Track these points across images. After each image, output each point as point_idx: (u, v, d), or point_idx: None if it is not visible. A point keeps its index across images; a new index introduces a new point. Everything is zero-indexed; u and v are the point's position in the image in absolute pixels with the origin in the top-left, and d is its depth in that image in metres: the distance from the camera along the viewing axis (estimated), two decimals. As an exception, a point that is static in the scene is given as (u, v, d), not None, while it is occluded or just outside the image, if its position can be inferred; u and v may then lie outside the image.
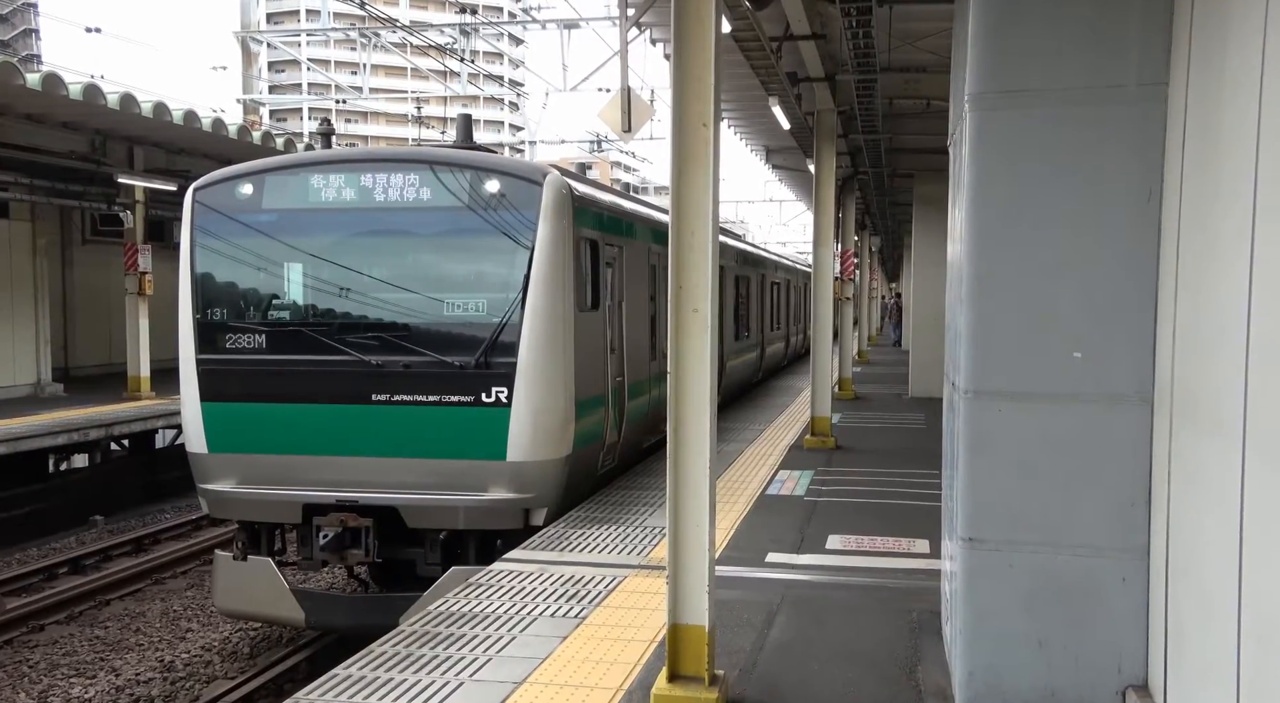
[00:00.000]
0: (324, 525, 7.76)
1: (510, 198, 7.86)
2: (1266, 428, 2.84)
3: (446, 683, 4.79)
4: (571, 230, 8.05)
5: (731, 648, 5.19)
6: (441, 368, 7.76)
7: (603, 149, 36.38)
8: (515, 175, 8.01)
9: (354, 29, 23.72)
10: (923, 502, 8.60)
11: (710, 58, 4.30)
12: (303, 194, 8.16)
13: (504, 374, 7.67)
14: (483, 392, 7.70)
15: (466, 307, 7.87)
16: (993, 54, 4.26)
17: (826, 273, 12.64)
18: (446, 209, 7.97)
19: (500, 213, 7.87)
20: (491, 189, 7.88)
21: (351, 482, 7.82)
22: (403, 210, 8.03)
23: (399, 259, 8.11)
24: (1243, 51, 3.12)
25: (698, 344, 4.39)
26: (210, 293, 8.27)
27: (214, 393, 8.16)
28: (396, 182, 8.02)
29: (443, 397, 7.76)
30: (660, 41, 11.40)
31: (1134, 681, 4.14)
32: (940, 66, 10.43)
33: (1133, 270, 4.09)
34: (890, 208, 25.29)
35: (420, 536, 7.86)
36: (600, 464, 9.15)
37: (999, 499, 4.30)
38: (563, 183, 8.07)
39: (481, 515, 7.71)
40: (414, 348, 7.84)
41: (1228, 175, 3.25)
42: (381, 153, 8.99)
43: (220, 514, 8.55)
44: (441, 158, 8.30)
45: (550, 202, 7.83)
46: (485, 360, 7.69)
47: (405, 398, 7.81)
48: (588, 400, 8.46)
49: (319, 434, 7.95)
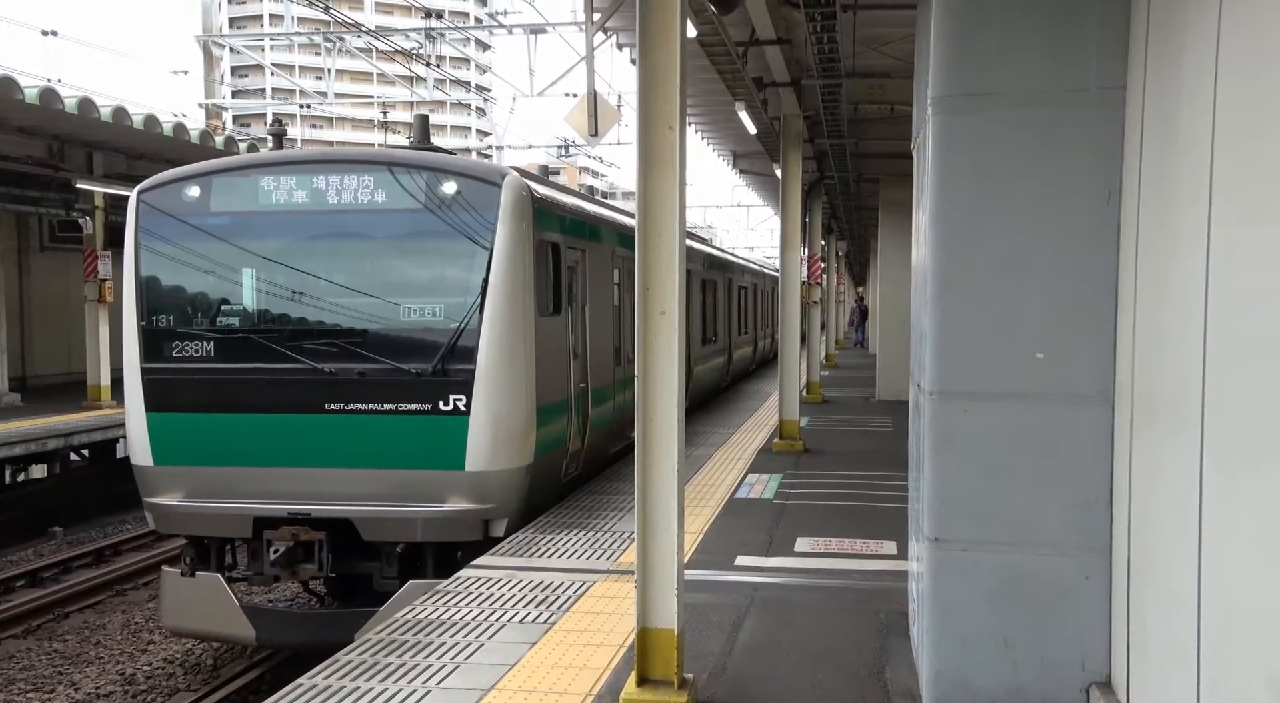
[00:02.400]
0: (275, 540, 7.52)
1: (468, 199, 7.67)
2: (1224, 427, 2.88)
3: (414, 691, 4.74)
4: (532, 233, 7.89)
5: (701, 651, 5.18)
6: (397, 375, 7.55)
7: (570, 154, 36.37)
8: (473, 176, 7.82)
9: (318, 34, 23.53)
10: (890, 503, 8.65)
11: (676, 61, 4.30)
12: (252, 196, 7.93)
13: (462, 381, 7.47)
14: (440, 399, 7.50)
15: (423, 312, 7.67)
16: (955, 58, 4.30)
17: (794, 277, 12.70)
18: (402, 211, 7.76)
19: (458, 215, 7.68)
20: (449, 191, 7.70)
21: (304, 494, 7.60)
22: (357, 213, 7.80)
23: (353, 263, 7.87)
24: (1198, 56, 3.18)
25: (665, 347, 4.39)
26: (156, 299, 8.01)
27: (160, 403, 7.89)
28: (350, 183, 7.80)
29: (399, 405, 7.54)
30: (626, 46, 11.40)
31: (1098, 677, 4.18)
32: (904, 72, 10.52)
33: (1093, 271, 4.15)
34: (856, 212, 25.47)
35: (376, 548, 7.64)
36: (564, 472, 8.98)
37: (964, 499, 4.33)
38: (522, 184, 7.90)
39: (439, 527, 7.51)
40: (369, 355, 7.62)
41: (1185, 177, 3.30)
42: (334, 154, 8.72)
43: (167, 529, 8.31)
44: (397, 159, 8.08)
45: (509, 203, 7.66)
46: (443, 367, 7.50)
47: (360, 406, 7.60)
48: (550, 407, 8.29)
49: (270, 445, 7.70)
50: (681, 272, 4.37)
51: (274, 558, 7.45)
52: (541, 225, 8.17)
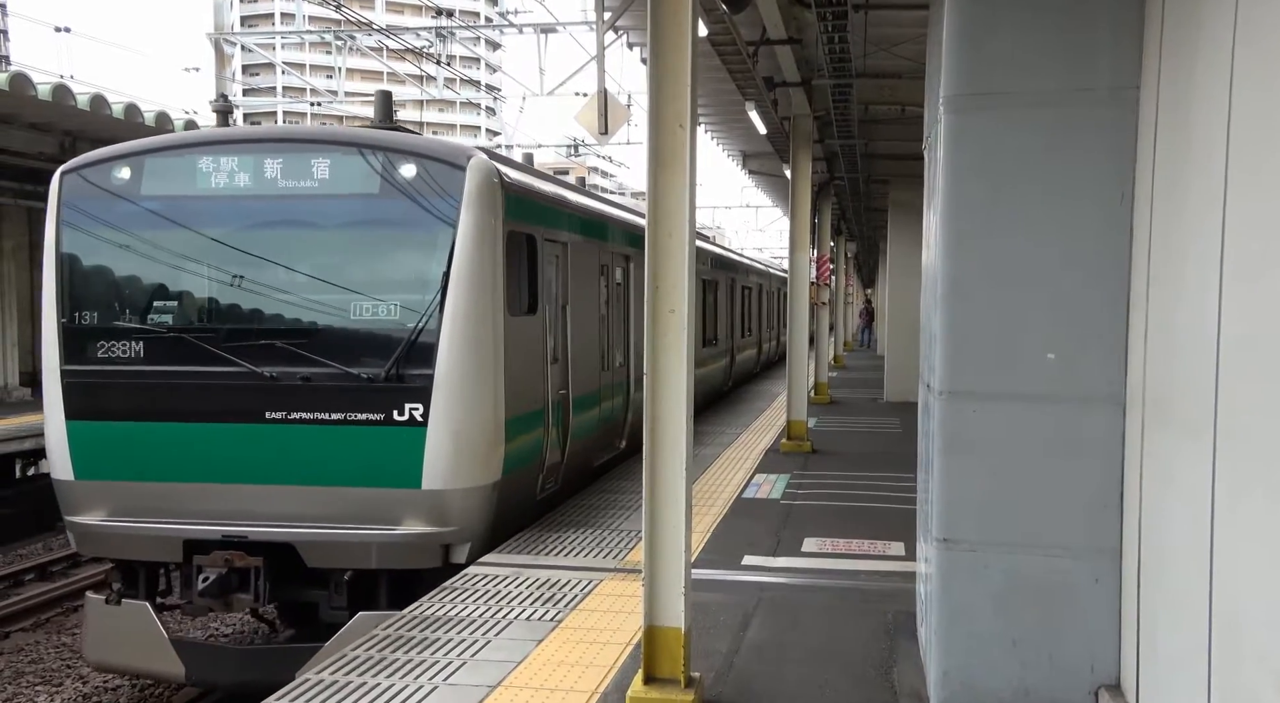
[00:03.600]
0: (205, 566, 6.71)
1: (428, 184, 6.87)
2: (1236, 429, 2.87)
3: (420, 687, 4.75)
4: (501, 222, 7.07)
5: (708, 650, 5.18)
6: (347, 381, 6.75)
7: (580, 153, 36.40)
8: (434, 158, 6.97)
9: (329, 32, 23.59)
10: (898, 505, 8.63)
11: (687, 58, 4.30)
12: (188, 179, 7.08)
13: (419, 388, 6.68)
14: (394, 409, 6.70)
15: (376, 310, 6.85)
16: (966, 57, 4.29)
17: (802, 278, 12.68)
18: (354, 197, 6.96)
19: (417, 201, 6.88)
20: (406, 174, 6.89)
21: (241, 514, 6.80)
22: (303, 198, 6.98)
23: (298, 254, 7.05)
24: (1212, 56, 3.16)
25: (674, 345, 4.38)
26: (79, 293, 7.20)
27: (81, 410, 7.07)
28: (296, 165, 6.97)
29: (348, 414, 6.75)
30: (637, 45, 11.40)
31: (1107, 680, 4.17)
32: (915, 72, 10.51)
33: (1105, 272, 4.13)
34: (866, 213, 25.43)
35: (323, 575, 6.85)
36: (539, 489, 8.14)
37: (973, 500, 4.32)
38: (490, 167, 7.08)
39: (392, 553, 6.72)
40: (315, 358, 6.80)
41: (1198, 178, 3.29)
42: (279, 132, 7.84)
43: (90, 551, 7.54)
44: (348, 138, 7.26)
45: (475, 188, 6.85)
46: (397, 372, 6.70)
47: (304, 416, 6.80)
48: (522, 417, 7.50)
49: (203, 458, 6.90)
50: (691, 270, 4.37)
51: (203, 587, 6.67)
52: (514, 214, 7.35)
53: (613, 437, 10.51)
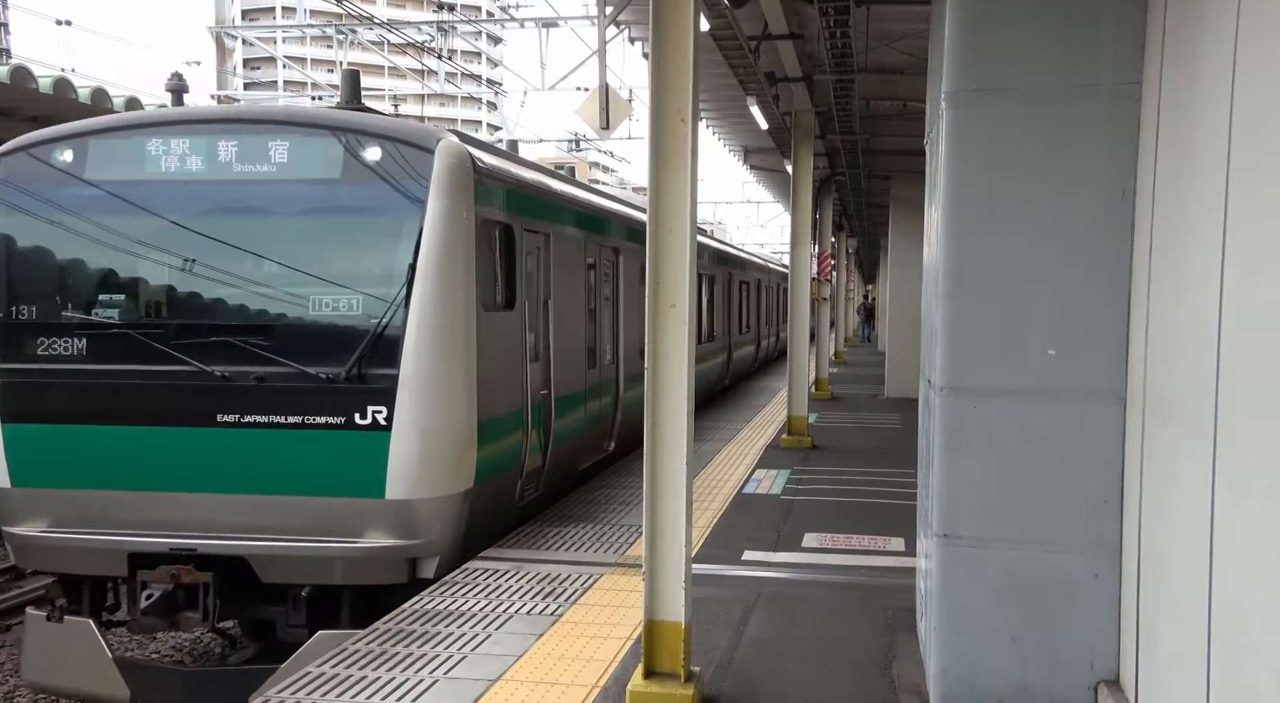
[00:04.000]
0: (150, 581, 6.23)
1: (394, 168, 6.43)
2: (1237, 426, 2.87)
3: (420, 681, 4.76)
4: (473, 210, 6.62)
5: (708, 645, 5.19)
6: (305, 381, 6.30)
7: (581, 148, 36.36)
8: (400, 140, 6.51)
9: (330, 26, 23.56)
10: (898, 500, 8.64)
11: (689, 52, 4.30)
12: (136, 163, 6.61)
13: (382, 389, 6.23)
14: (356, 412, 6.25)
15: (337, 304, 6.40)
16: (969, 52, 4.29)
17: (803, 273, 12.68)
18: (314, 182, 6.50)
19: (381, 186, 6.43)
20: (371, 157, 6.44)
21: (190, 525, 6.35)
22: (259, 184, 6.51)
23: (253, 244, 6.56)
24: (1215, 52, 3.16)
25: (676, 340, 4.39)
26: (17, 286, 6.69)
27: (18, 412, 6.57)
28: (253, 148, 6.52)
29: (305, 417, 6.30)
30: (639, 40, 11.39)
31: (1106, 676, 4.17)
32: (916, 68, 10.49)
33: (1106, 268, 4.13)
34: (867, 209, 25.40)
35: (280, 591, 6.40)
36: (519, 496, 7.69)
37: (974, 496, 4.32)
38: (461, 151, 6.64)
39: (354, 568, 6.29)
40: (270, 356, 6.36)
41: (1200, 175, 3.28)
42: (234, 112, 7.31)
43: (29, 564, 7.04)
44: (308, 118, 6.82)
45: (444, 173, 6.41)
46: (359, 372, 6.25)
47: (259, 419, 6.35)
48: (499, 420, 7.06)
49: (150, 465, 6.43)
50: (692, 265, 4.37)
51: (146, 605, 6.18)
52: (487, 202, 6.90)
53: (601, 438, 10.12)
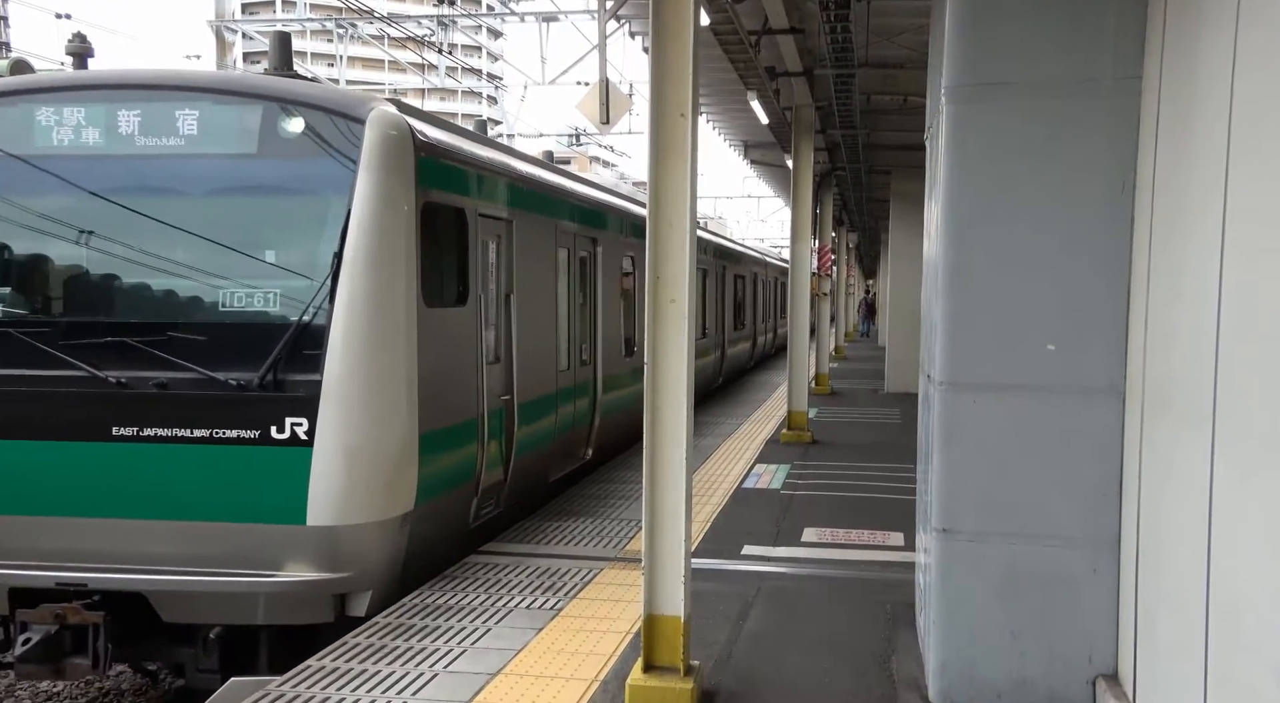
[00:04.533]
0: (30, 622, 5.36)
1: (318, 141, 5.67)
2: (1236, 420, 2.87)
3: (421, 674, 4.77)
4: (415, 190, 5.87)
5: (707, 639, 5.20)
6: (213, 388, 5.48)
7: (582, 143, 36.34)
8: (324, 108, 5.74)
9: (330, 20, 23.53)
10: (898, 495, 8.65)
11: (689, 47, 4.29)
12: (22, 134, 5.82)
13: (303, 398, 5.43)
14: (272, 424, 5.45)
15: (252, 299, 5.63)
16: (969, 47, 4.28)
17: (804, 268, 12.68)
18: (226, 157, 5.73)
19: (303, 162, 5.69)
20: (291, 128, 5.68)
21: (81, 555, 5.51)
22: (164, 159, 5.73)
23: (156, 229, 5.72)
24: (1215, 46, 3.15)
25: (675, 335, 4.39)
26: None
27: None
28: (157, 118, 5.72)
29: (214, 431, 5.48)
30: (639, 34, 11.37)
31: (1105, 670, 4.18)
32: (917, 63, 10.48)
33: (1106, 263, 4.14)
34: (868, 204, 25.40)
35: (188, 631, 5.58)
36: (474, 515, 6.89)
37: (973, 490, 4.33)
38: (398, 122, 5.85)
39: (272, 605, 5.50)
40: (174, 359, 5.53)
41: (1200, 169, 3.28)
42: (137, 76, 6.23)
43: None
44: (219, 83, 5.97)
45: (377, 147, 5.64)
46: (275, 378, 5.46)
47: (160, 432, 5.51)
48: (447, 430, 6.29)
49: (34, 485, 5.59)
50: (692, 259, 4.37)
51: (23, 652, 5.28)
52: (433, 181, 6.15)
53: (576, 446, 9.35)
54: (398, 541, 5.80)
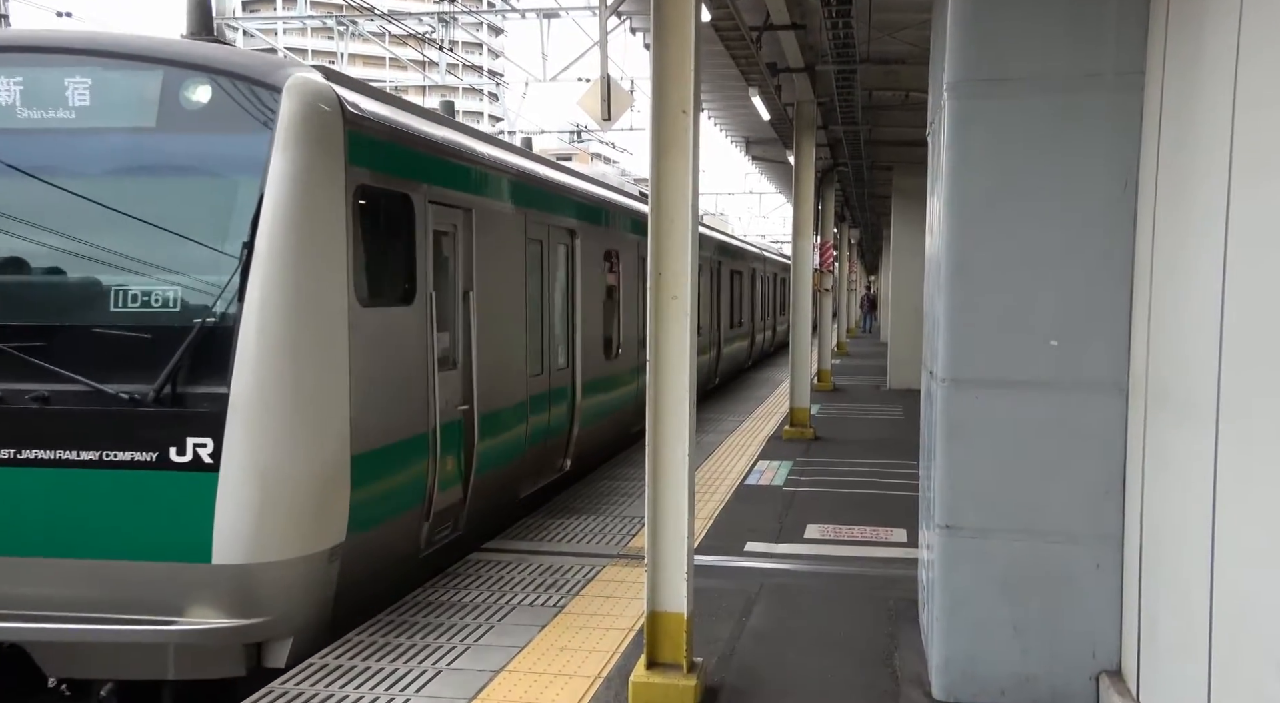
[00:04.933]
0: None
1: (227, 113, 4.91)
2: (1239, 416, 2.87)
3: (424, 671, 4.77)
4: (344, 170, 5.14)
5: (710, 636, 5.20)
6: (101, 403, 4.70)
7: (583, 140, 36.33)
8: (236, 75, 4.96)
9: (331, 17, 23.53)
10: (900, 492, 8.64)
11: (690, 43, 4.28)
12: None
13: (207, 413, 4.66)
14: (171, 445, 4.67)
15: (147, 298, 4.85)
16: (971, 42, 4.27)
17: (806, 265, 12.66)
18: (121, 132, 4.97)
19: (211, 138, 4.93)
20: (196, 97, 4.90)
21: None
22: (49, 134, 4.97)
23: (38, 217, 4.96)
24: (1218, 42, 3.14)
25: (677, 332, 4.38)
26: None
27: None
28: (41, 85, 4.96)
29: (104, 453, 4.71)
30: (640, 30, 11.36)
31: (1108, 666, 4.18)
32: (919, 58, 10.45)
33: (1108, 259, 4.13)
34: (869, 200, 25.38)
35: (80, 687, 4.87)
36: (425, 541, 6.16)
37: (976, 487, 4.33)
38: (324, 92, 5.10)
39: (174, 658, 4.74)
40: (55, 369, 4.73)
41: (1202, 165, 3.27)
42: (20, 36, 5.41)
43: None
44: (115, 46, 5.13)
45: (296, 119, 4.88)
46: (174, 390, 4.68)
47: (40, 455, 4.74)
48: (390, 448, 5.55)
49: None
50: (694, 256, 4.37)
51: None
52: (369, 161, 5.41)
53: (552, 457, 8.59)
54: (324, 579, 5.03)
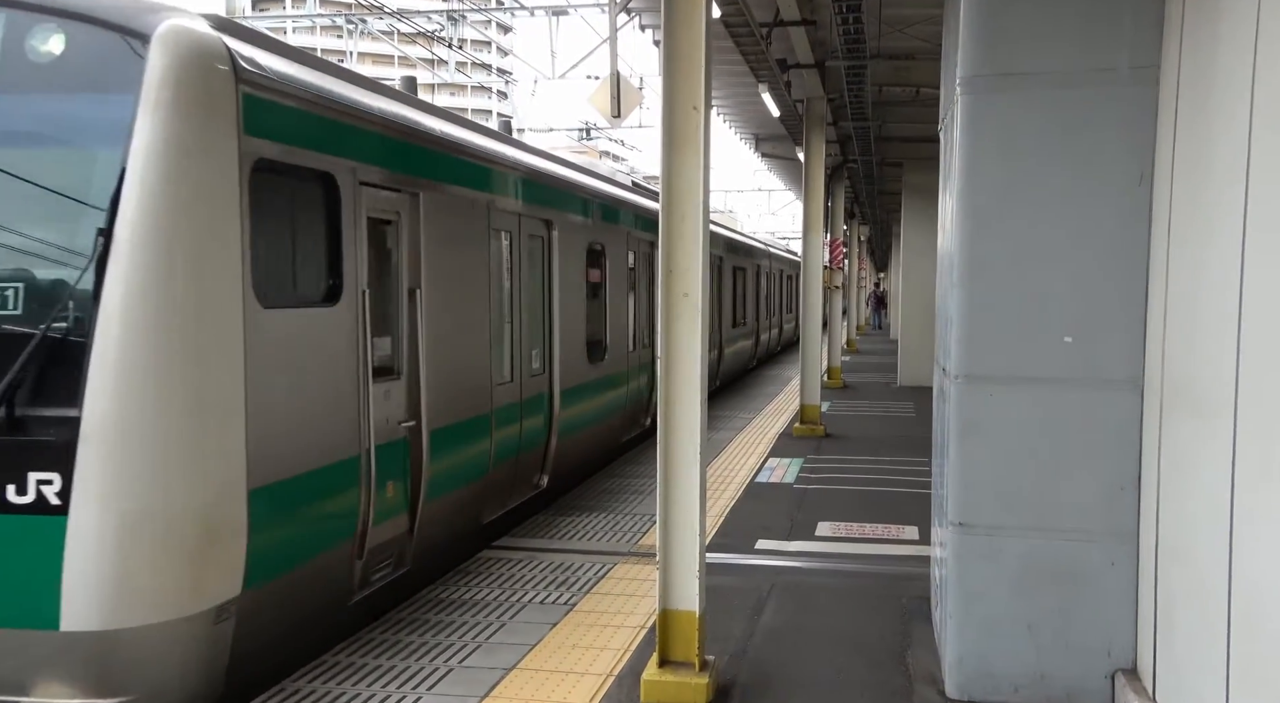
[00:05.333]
0: None
1: (83, 68, 4.03)
2: (1257, 412, 2.84)
3: (436, 669, 4.77)
4: (238, 141, 4.22)
5: (722, 634, 5.18)
6: None
7: (592, 137, 36.31)
8: (95, 21, 4.06)
9: (340, 16, 23.57)
10: (912, 489, 8.62)
11: (701, 39, 4.27)
12: None
13: (52, 444, 3.79)
14: (9, 482, 3.82)
15: None
16: (985, 37, 4.24)
17: (816, 261, 12.63)
18: None
19: (62, 99, 4.04)
20: (46, 48, 4.03)
21: None
22: None
23: None
24: (1235, 35, 3.11)
25: (688, 330, 4.37)
26: None
27: None
28: None
29: None
30: (649, 27, 11.34)
31: (1123, 664, 4.15)
32: (930, 54, 10.41)
33: (1124, 254, 4.10)
34: (879, 197, 25.30)
35: None
36: (358, 583, 5.31)
37: (989, 484, 4.30)
38: (209, 43, 4.18)
39: None
40: None
41: (1219, 159, 3.24)
42: None
43: None
44: None
45: (170, 75, 3.97)
46: (10, 413, 3.83)
47: None
48: (305, 478, 4.68)
49: None
50: (705, 253, 4.35)
51: None
52: (273, 132, 4.50)
53: (526, 473, 7.67)
54: (210, 644, 4.11)
